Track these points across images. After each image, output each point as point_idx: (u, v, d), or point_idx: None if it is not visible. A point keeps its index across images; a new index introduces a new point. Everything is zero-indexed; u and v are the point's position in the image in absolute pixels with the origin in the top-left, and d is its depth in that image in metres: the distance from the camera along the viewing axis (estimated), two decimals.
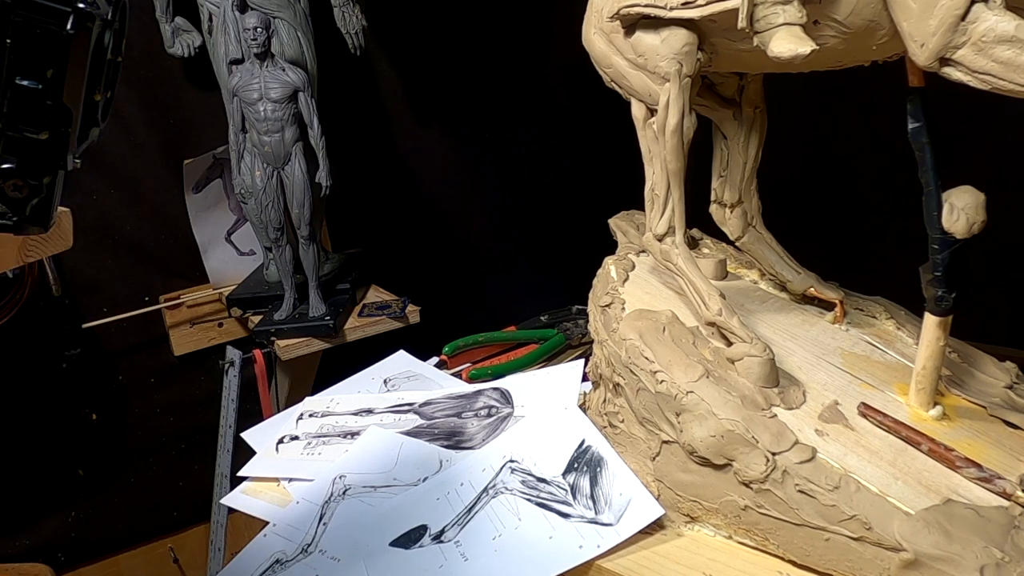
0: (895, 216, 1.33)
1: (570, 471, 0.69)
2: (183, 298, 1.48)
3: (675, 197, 0.69)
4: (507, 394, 0.85)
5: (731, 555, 0.62)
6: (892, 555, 0.53)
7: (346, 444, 0.81)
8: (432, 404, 0.86)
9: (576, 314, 1.13)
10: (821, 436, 0.60)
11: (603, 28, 0.69)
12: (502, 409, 0.82)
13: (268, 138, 1.19)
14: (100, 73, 0.42)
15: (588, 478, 0.68)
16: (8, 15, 0.37)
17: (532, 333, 1.09)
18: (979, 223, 0.56)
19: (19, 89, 0.39)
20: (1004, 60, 0.47)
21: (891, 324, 0.74)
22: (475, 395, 0.86)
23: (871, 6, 0.53)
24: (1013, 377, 0.67)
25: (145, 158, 1.45)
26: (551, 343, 1.04)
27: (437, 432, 0.80)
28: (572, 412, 0.76)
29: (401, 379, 0.94)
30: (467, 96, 1.75)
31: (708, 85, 0.75)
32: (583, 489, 0.67)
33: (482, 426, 0.80)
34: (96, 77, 0.42)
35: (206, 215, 1.45)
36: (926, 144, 0.57)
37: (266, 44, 1.16)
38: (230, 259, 1.50)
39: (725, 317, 0.66)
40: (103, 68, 0.43)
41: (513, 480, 0.70)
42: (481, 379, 0.95)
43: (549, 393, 0.83)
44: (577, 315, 1.12)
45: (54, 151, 0.41)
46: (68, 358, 1.42)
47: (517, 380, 0.88)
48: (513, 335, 1.09)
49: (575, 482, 0.68)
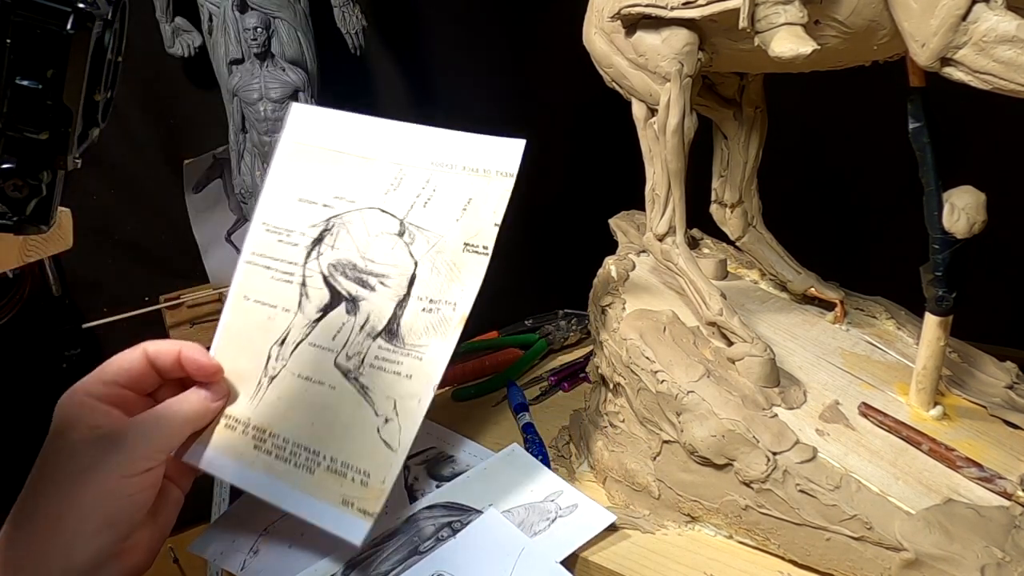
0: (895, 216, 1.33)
1: None
2: (183, 298, 1.48)
3: (676, 197, 0.69)
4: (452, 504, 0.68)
5: (732, 555, 0.62)
6: (893, 555, 0.53)
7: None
8: (364, 563, 0.64)
9: (561, 318, 1.09)
10: (822, 436, 0.60)
11: (604, 28, 0.69)
12: (465, 518, 0.66)
13: (268, 138, 1.19)
14: (100, 73, 0.42)
15: None
16: (8, 15, 0.37)
17: (514, 339, 1.04)
18: (980, 223, 0.56)
19: (19, 89, 0.39)
20: (1005, 60, 0.47)
21: (891, 324, 0.74)
22: (411, 524, 0.66)
23: (872, 6, 0.53)
24: (1013, 377, 0.67)
25: (145, 158, 1.45)
26: (533, 351, 1.00)
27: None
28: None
29: None
30: (467, 96, 1.75)
31: (709, 85, 0.75)
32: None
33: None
34: (96, 77, 0.42)
35: (206, 215, 1.45)
36: (927, 144, 0.57)
37: (266, 44, 1.16)
38: (230, 259, 1.49)
39: (726, 317, 0.66)
40: (103, 68, 0.42)
41: None
42: (466, 399, 0.92)
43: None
44: (562, 318, 1.09)
45: (54, 151, 0.41)
46: (68, 358, 1.42)
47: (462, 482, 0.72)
48: (495, 342, 1.04)
49: None
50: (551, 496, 0.68)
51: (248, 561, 0.67)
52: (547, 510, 0.66)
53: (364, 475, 0.61)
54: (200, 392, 0.63)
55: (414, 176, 0.67)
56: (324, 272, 0.66)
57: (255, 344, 0.67)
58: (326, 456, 0.62)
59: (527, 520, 0.65)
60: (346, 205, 0.68)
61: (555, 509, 0.66)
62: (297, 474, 0.62)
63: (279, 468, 0.63)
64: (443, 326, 0.63)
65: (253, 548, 0.68)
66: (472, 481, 0.71)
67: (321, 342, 0.65)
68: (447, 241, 0.64)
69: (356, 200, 0.68)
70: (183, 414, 0.60)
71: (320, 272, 0.67)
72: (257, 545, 0.68)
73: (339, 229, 0.67)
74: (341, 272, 0.66)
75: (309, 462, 0.63)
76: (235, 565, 0.67)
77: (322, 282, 0.66)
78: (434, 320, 0.63)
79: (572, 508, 0.66)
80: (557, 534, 0.63)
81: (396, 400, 0.63)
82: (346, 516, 0.60)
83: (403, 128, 0.69)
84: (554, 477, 0.70)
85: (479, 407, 0.91)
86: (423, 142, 0.68)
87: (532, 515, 0.66)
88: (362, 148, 0.69)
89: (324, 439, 0.63)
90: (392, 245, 0.66)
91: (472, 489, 0.70)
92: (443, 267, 0.64)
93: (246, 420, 0.64)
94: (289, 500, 0.62)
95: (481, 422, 0.88)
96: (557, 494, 0.68)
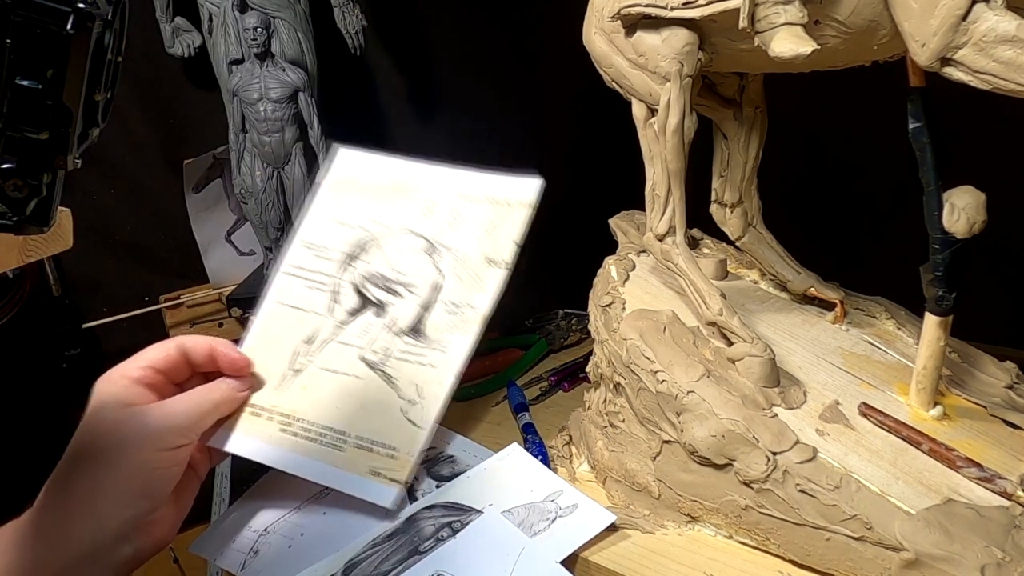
0: (895, 216, 1.33)
1: None
2: (183, 298, 1.48)
3: (676, 197, 0.69)
4: (452, 504, 0.68)
5: (732, 555, 0.62)
6: (893, 555, 0.53)
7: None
8: (363, 563, 0.63)
9: (561, 318, 1.09)
10: (822, 436, 0.60)
11: (604, 28, 0.69)
12: (465, 518, 0.66)
13: (268, 138, 1.19)
14: (100, 73, 0.42)
15: None
16: (8, 15, 0.37)
17: (514, 339, 1.05)
18: (980, 223, 0.56)
19: (19, 89, 0.39)
20: (1005, 60, 0.47)
21: (891, 324, 0.74)
22: (411, 524, 0.66)
23: (872, 6, 0.53)
24: (1013, 377, 0.67)
25: (145, 158, 1.45)
26: (533, 351, 1.00)
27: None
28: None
29: None
30: (467, 96, 1.75)
31: (709, 85, 0.75)
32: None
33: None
34: (96, 77, 0.42)
35: (206, 215, 1.45)
36: (927, 144, 0.57)
37: (266, 44, 1.16)
38: (230, 259, 1.50)
39: (726, 317, 0.66)
40: (103, 68, 0.42)
41: None
42: (466, 399, 0.91)
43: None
44: (562, 318, 1.09)
45: (54, 151, 0.41)
46: (68, 358, 1.42)
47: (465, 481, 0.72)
48: (495, 342, 1.05)
49: None
50: (551, 496, 0.68)
51: (248, 561, 0.67)
52: (547, 510, 0.66)
53: (391, 449, 0.67)
54: (229, 381, 0.68)
55: (444, 206, 0.76)
56: (356, 282, 0.75)
57: (283, 341, 0.73)
58: (352, 435, 0.68)
59: (527, 520, 0.65)
60: (380, 228, 0.77)
61: (555, 509, 0.66)
62: (325, 451, 0.67)
63: (307, 447, 0.68)
64: (465, 324, 0.71)
65: (253, 548, 0.68)
66: (472, 481, 0.71)
67: (348, 340, 0.72)
68: (471, 256, 0.73)
69: (390, 224, 0.77)
70: (213, 398, 0.65)
71: (352, 282, 0.75)
72: (257, 545, 0.68)
73: (372, 247, 0.76)
74: (372, 282, 0.74)
75: (337, 441, 0.68)
76: (235, 565, 0.67)
77: (353, 290, 0.74)
78: (457, 320, 0.71)
79: (572, 508, 0.66)
80: (557, 534, 0.63)
81: (419, 385, 0.69)
82: (376, 484, 0.66)
83: (436, 168, 0.79)
84: (554, 477, 0.70)
85: (479, 407, 0.91)
86: (453, 179, 0.78)
87: (532, 515, 0.66)
88: (398, 183, 0.79)
89: (350, 421, 0.68)
90: (421, 260, 0.74)
91: (472, 489, 0.70)
92: (466, 277, 0.72)
93: (271, 407, 0.70)
94: (318, 473, 0.67)
95: (481, 422, 0.88)
96: (557, 494, 0.68)
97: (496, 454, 0.74)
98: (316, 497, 0.71)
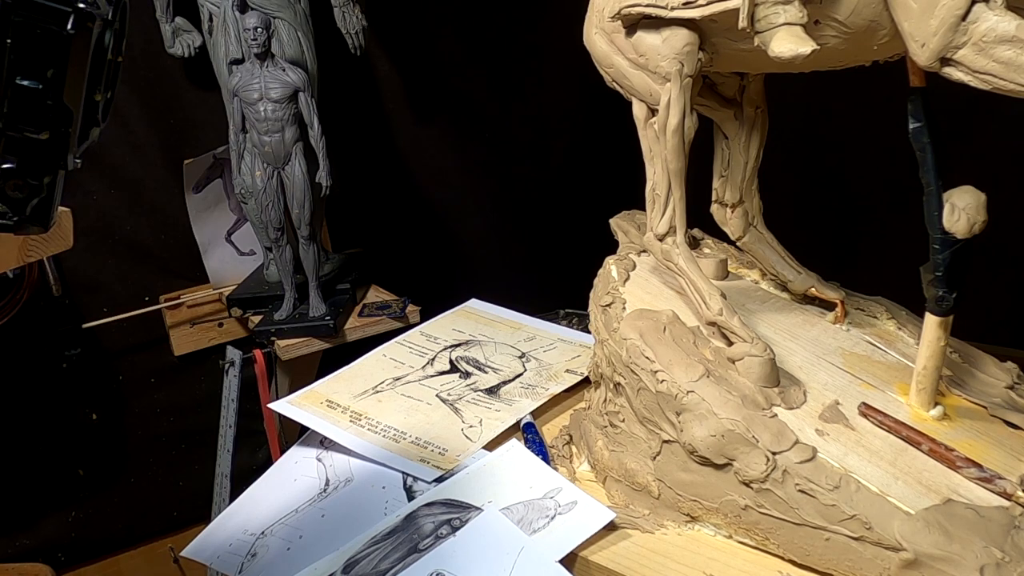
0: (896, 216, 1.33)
1: None
2: (183, 298, 1.48)
3: (676, 197, 0.69)
4: (452, 501, 0.69)
5: (731, 555, 0.62)
6: (892, 555, 0.53)
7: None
8: (363, 561, 0.64)
9: (561, 318, 1.11)
10: (821, 436, 0.60)
11: (604, 28, 0.69)
12: (464, 515, 0.66)
13: (268, 138, 1.19)
14: (100, 73, 0.42)
15: None
16: (8, 15, 0.37)
17: None
18: (980, 223, 0.56)
19: (19, 89, 0.39)
20: (1005, 60, 0.47)
21: (892, 324, 0.74)
22: (411, 522, 0.66)
23: (872, 6, 0.53)
24: (1014, 377, 0.67)
25: (145, 158, 1.45)
26: None
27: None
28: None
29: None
30: (467, 96, 1.75)
31: (709, 85, 0.75)
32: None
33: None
34: (96, 77, 0.42)
35: (206, 215, 1.45)
36: (927, 144, 0.57)
37: (266, 44, 1.16)
38: (230, 259, 1.50)
39: (726, 317, 0.66)
40: (103, 68, 0.42)
41: None
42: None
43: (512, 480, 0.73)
44: (562, 318, 1.10)
45: (54, 151, 0.41)
46: (68, 358, 1.42)
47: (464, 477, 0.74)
48: None
49: None
50: (550, 493, 0.68)
51: (246, 564, 0.67)
52: (546, 507, 0.66)
53: (442, 449, 0.77)
54: None
55: (544, 338, 0.99)
56: (451, 358, 0.94)
57: (375, 375, 0.91)
58: (411, 435, 0.79)
59: (526, 517, 0.65)
60: (486, 339, 0.99)
61: (554, 506, 0.66)
62: (383, 440, 0.78)
63: (368, 435, 0.79)
64: (536, 395, 0.86)
65: (251, 551, 0.68)
66: (471, 477, 0.71)
67: (430, 384, 0.89)
68: (554, 365, 0.92)
69: (495, 339, 0.99)
70: None
71: (448, 356, 0.95)
72: (255, 548, 0.68)
73: (475, 346, 0.97)
74: (465, 360, 0.94)
75: (396, 437, 0.79)
76: (232, 569, 0.67)
77: (447, 360, 0.94)
78: (529, 392, 0.87)
79: (571, 505, 0.66)
80: (556, 531, 0.63)
81: (482, 419, 0.82)
82: (421, 466, 0.74)
83: (541, 321, 1.03)
84: (553, 473, 0.70)
85: None
86: (553, 328, 1.02)
87: (531, 512, 0.66)
88: (513, 321, 1.04)
89: (413, 427, 0.80)
90: (512, 360, 0.94)
91: (471, 485, 0.70)
92: (545, 375, 0.90)
93: (346, 406, 0.85)
94: (371, 451, 0.77)
95: None
96: (556, 491, 0.68)
97: (495, 451, 0.74)
98: (314, 500, 0.72)
